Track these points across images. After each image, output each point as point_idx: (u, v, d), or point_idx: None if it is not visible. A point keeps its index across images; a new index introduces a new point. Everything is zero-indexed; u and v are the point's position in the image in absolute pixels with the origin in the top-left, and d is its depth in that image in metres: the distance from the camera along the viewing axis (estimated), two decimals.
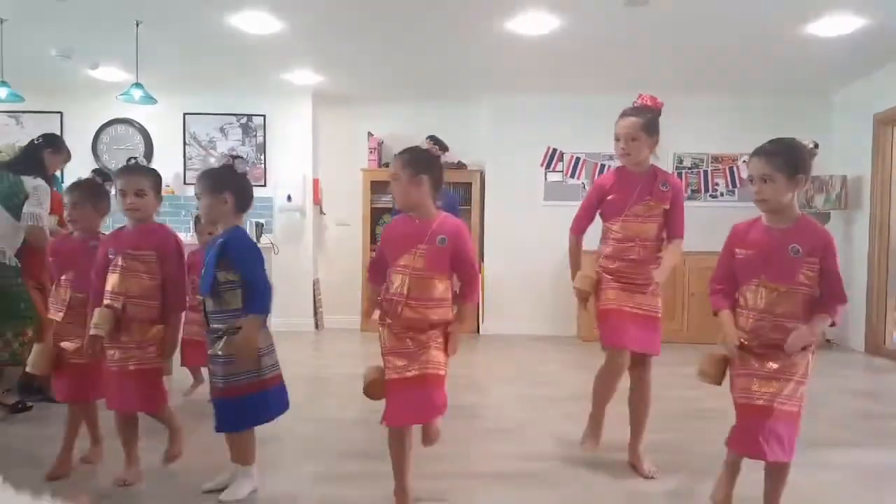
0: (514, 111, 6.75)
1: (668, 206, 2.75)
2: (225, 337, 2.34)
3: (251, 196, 2.51)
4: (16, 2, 4.53)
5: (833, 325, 2.14)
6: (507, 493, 2.64)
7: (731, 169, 6.73)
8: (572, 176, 6.80)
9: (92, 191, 2.73)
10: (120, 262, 2.52)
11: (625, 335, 2.69)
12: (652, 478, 2.73)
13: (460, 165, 7.08)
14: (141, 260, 2.53)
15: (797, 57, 5.51)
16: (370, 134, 7.14)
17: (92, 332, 2.45)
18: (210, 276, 2.36)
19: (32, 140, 3.86)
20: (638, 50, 5.44)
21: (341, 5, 4.56)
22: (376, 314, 2.37)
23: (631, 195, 2.73)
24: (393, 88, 6.88)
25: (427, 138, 4.58)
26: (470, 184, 7.07)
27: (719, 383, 2.25)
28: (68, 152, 4.03)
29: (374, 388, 2.31)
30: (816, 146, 2.23)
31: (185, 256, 2.68)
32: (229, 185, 2.42)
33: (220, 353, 2.35)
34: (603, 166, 6.74)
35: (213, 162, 6.70)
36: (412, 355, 2.26)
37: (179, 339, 2.79)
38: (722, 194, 6.81)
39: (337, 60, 5.95)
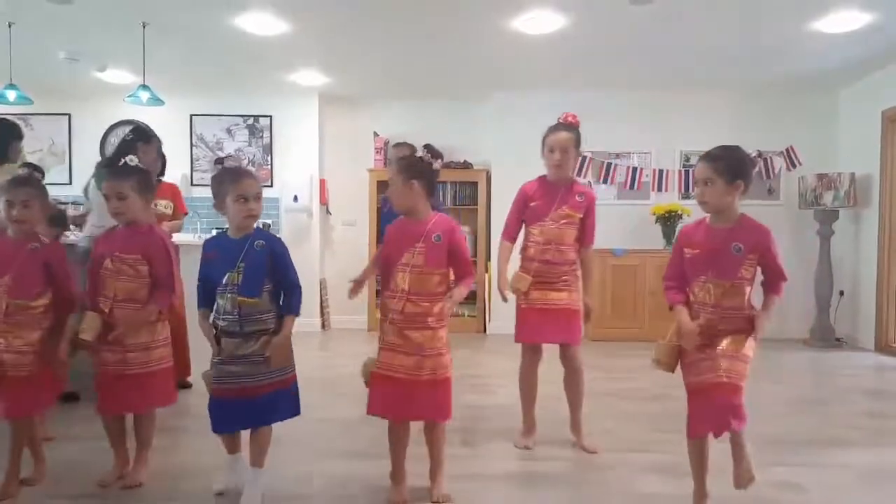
0: (521, 110, 6.73)
1: (582, 216, 3.08)
2: (263, 338, 2.37)
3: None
4: (24, 5, 4.56)
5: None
6: (516, 494, 2.63)
7: None
8: (578, 175, 6.78)
9: (41, 188, 2.60)
10: (108, 265, 2.53)
11: (538, 332, 3.07)
12: (594, 452, 3.02)
13: (466, 165, 7.09)
14: (128, 263, 2.53)
15: (804, 54, 5.49)
16: (376, 134, 7.15)
17: (80, 335, 2.45)
18: (262, 278, 2.38)
19: (124, 137, 4.02)
20: (643, 48, 5.43)
21: (346, 6, 4.58)
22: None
23: (552, 203, 3.05)
24: (399, 88, 6.89)
25: (423, 146, 4.64)
26: (476, 183, 7.07)
27: (673, 371, 2.35)
28: (159, 142, 4.02)
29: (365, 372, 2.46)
30: (760, 154, 2.33)
31: (176, 256, 2.67)
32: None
33: (253, 352, 2.36)
34: (609, 165, 6.73)
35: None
36: (412, 355, 2.39)
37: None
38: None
39: (343, 61, 5.97)
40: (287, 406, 2.46)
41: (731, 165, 2.24)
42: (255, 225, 2.47)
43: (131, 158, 2.63)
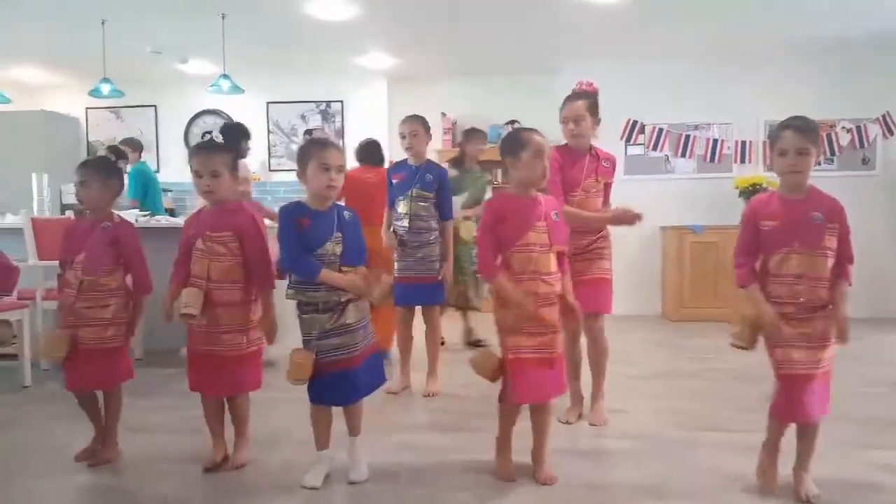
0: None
1: (610, 181, 3.14)
2: (350, 304, 2.41)
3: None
4: (114, 3, 4.80)
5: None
6: (588, 470, 2.62)
7: (828, 136, 6.33)
8: (654, 148, 6.60)
9: (101, 169, 2.65)
10: (200, 246, 2.50)
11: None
12: (602, 425, 3.07)
13: None
14: (220, 241, 2.49)
15: None
16: (444, 114, 7.16)
17: (183, 311, 2.43)
18: (363, 246, 2.48)
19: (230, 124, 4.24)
20: (720, 15, 5.19)
21: None
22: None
23: (581, 173, 3.06)
24: (465, 65, 6.86)
25: (509, 122, 4.54)
26: None
27: (754, 348, 2.29)
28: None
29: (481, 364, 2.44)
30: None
31: (266, 233, 2.63)
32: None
33: (350, 322, 2.41)
34: (688, 137, 6.50)
35: (295, 148, 6.93)
36: (543, 334, 2.39)
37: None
38: (819, 163, 6.39)
39: (411, 41, 6.00)
40: (379, 374, 2.49)
41: (818, 136, 2.25)
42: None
43: (216, 135, 2.62)
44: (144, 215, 4.91)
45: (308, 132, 2.59)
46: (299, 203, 2.48)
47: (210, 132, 2.65)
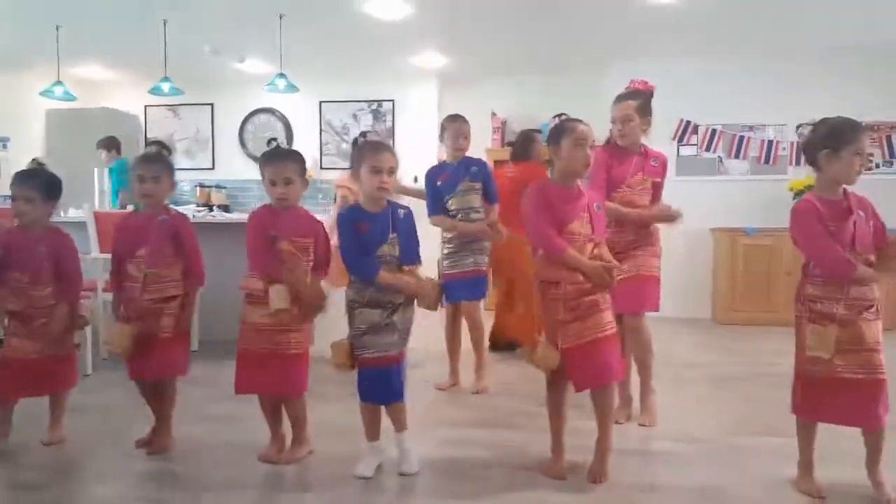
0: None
1: (659, 180, 3.12)
2: (401, 305, 2.47)
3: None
4: (174, 2, 4.96)
5: None
6: (638, 471, 2.62)
7: (888, 138, 6.12)
8: (707, 149, 6.48)
9: (168, 164, 2.73)
10: (286, 247, 2.52)
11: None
12: (652, 425, 3.05)
13: None
14: (302, 246, 2.56)
15: None
16: (493, 113, 7.17)
17: (279, 306, 2.46)
18: (418, 243, 2.55)
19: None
20: (776, 14, 5.07)
21: None
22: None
23: (628, 170, 3.04)
24: (516, 65, 6.85)
25: (556, 116, 4.58)
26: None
27: (831, 357, 2.22)
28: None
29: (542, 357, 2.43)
30: None
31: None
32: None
33: (401, 321, 2.47)
34: (741, 138, 6.36)
35: (346, 147, 7.04)
36: (584, 321, 2.39)
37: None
38: (878, 165, 6.21)
39: (462, 40, 6.03)
40: (399, 384, 2.50)
41: None
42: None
43: (281, 141, 2.72)
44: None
45: (362, 134, 2.66)
46: (356, 207, 2.55)
47: (275, 139, 2.73)
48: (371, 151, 2.49)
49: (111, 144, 6.31)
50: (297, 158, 2.63)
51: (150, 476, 2.60)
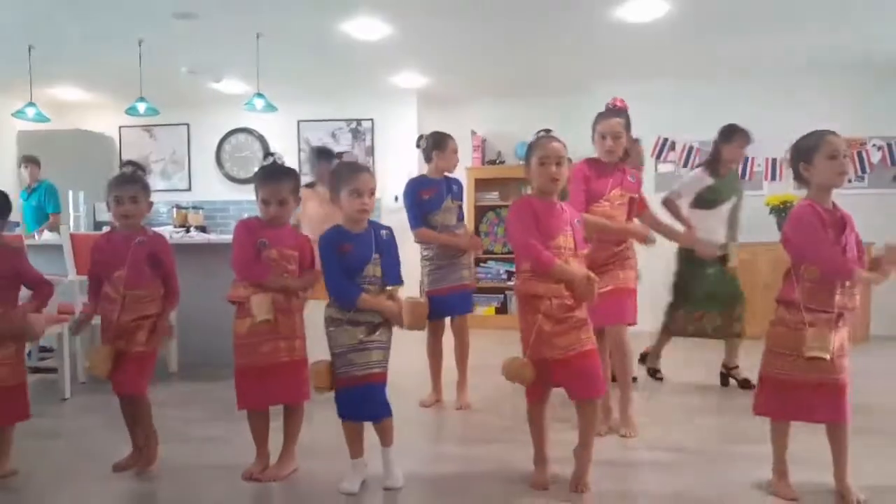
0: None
1: (635, 195, 3.17)
2: (382, 326, 2.48)
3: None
4: (150, 22, 4.92)
5: None
6: (619, 480, 2.63)
7: (859, 153, 6.26)
8: (685, 166, 6.56)
9: (145, 184, 2.71)
10: (273, 255, 2.55)
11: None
12: (632, 436, 3.08)
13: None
14: (291, 259, 2.59)
15: None
16: (473, 132, 7.21)
17: (261, 318, 2.47)
18: (399, 264, 2.56)
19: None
20: (750, 33, 5.19)
21: (447, 7, 4.64)
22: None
23: (607, 185, 3.10)
24: (495, 85, 6.92)
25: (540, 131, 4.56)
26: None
27: (829, 358, 2.27)
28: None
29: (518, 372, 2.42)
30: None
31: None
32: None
33: (382, 340, 2.47)
34: None
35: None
36: (568, 335, 2.40)
37: None
38: (850, 181, 6.32)
39: (443, 60, 6.06)
40: (384, 400, 2.49)
41: None
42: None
43: (279, 156, 2.67)
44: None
45: (338, 155, 2.64)
46: (339, 228, 2.53)
47: (273, 153, 2.68)
48: (349, 173, 2.49)
49: (31, 160, 6.13)
50: (293, 177, 2.64)
51: (132, 498, 2.53)
